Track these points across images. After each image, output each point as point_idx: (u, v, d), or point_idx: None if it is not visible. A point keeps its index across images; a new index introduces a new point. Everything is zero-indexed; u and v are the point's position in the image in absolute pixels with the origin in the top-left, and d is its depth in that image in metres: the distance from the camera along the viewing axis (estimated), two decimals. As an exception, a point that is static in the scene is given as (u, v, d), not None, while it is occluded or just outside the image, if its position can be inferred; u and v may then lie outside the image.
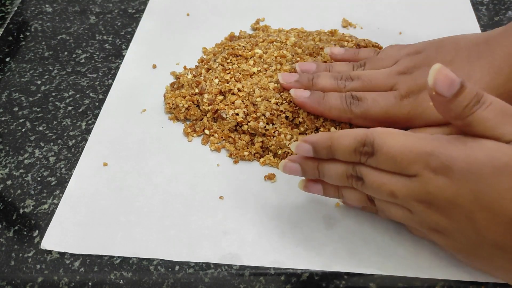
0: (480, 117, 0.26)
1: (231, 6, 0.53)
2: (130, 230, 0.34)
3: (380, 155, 0.28)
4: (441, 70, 0.25)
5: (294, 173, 0.32)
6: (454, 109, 0.26)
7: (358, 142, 0.28)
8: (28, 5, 0.55)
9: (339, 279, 0.31)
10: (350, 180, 0.30)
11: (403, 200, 0.28)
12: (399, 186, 0.27)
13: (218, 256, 0.32)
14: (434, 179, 0.26)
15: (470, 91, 0.25)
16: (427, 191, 0.26)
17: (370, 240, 0.32)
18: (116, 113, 0.42)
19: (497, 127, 0.25)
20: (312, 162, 0.31)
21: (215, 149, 0.38)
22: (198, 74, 0.43)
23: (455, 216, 0.26)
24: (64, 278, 0.32)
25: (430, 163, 0.26)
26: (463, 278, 0.30)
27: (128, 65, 0.46)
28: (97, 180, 0.37)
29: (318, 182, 0.33)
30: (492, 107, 0.26)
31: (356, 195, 0.31)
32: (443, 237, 0.28)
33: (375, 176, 0.28)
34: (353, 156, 0.29)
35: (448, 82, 0.25)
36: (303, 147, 0.31)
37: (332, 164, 0.30)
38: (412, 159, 0.27)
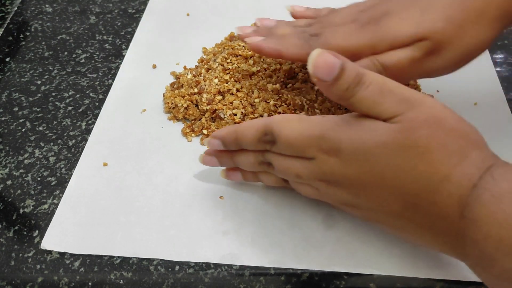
0: (360, 98, 0.27)
1: (231, 6, 0.53)
2: (130, 230, 0.34)
3: (280, 143, 0.30)
4: (321, 55, 0.26)
5: (212, 164, 0.35)
6: (336, 92, 0.27)
7: (260, 132, 0.30)
8: (28, 5, 0.55)
9: (339, 279, 0.31)
10: (262, 166, 0.32)
11: (308, 180, 0.30)
12: (301, 168, 0.30)
13: (218, 256, 0.32)
14: (327, 160, 0.28)
15: (350, 74, 0.26)
16: (323, 171, 0.28)
17: (369, 240, 0.32)
18: (116, 113, 0.42)
19: (376, 106, 0.26)
20: (226, 154, 0.34)
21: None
22: (198, 74, 0.43)
23: (353, 191, 0.28)
24: (64, 278, 0.32)
25: (322, 146, 0.28)
26: (462, 278, 0.30)
27: (128, 65, 0.46)
28: (97, 180, 0.37)
29: (237, 170, 0.35)
30: (371, 87, 0.26)
31: (271, 178, 0.33)
32: (351, 208, 0.30)
33: (281, 161, 0.31)
34: (258, 145, 0.31)
35: (327, 68, 0.26)
36: (213, 142, 0.33)
37: (244, 154, 0.33)
38: (306, 144, 0.28)
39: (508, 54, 0.47)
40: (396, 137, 0.25)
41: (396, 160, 0.25)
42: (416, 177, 0.25)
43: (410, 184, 0.25)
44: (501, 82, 0.43)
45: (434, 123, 0.25)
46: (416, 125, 0.25)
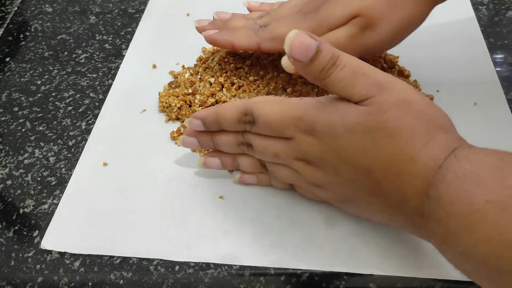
0: (334, 79, 0.28)
1: (231, 6, 0.53)
2: (130, 230, 0.34)
3: (259, 123, 0.31)
4: (297, 36, 0.27)
5: (192, 146, 0.35)
6: (311, 73, 0.28)
7: (240, 113, 0.31)
8: (28, 5, 0.55)
9: (339, 280, 0.31)
10: (241, 146, 0.33)
11: (286, 160, 0.31)
12: (280, 147, 0.31)
13: (218, 256, 0.32)
14: (305, 140, 0.29)
15: (325, 55, 0.27)
16: (301, 150, 0.30)
17: (370, 240, 0.32)
18: (116, 113, 0.42)
19: (348, 88, 0.27)
20: (206, 135, 0.34)
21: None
22: (195, 73, 0.43)
23: (327, 170, 0.29)
24: (64, 278, 0.32)
25: (300, 126, 0.29)
26: (463, 278, 0.30)
27: (128, 65, 0.46)
28: (97, 180, 0.37)
29: (215, 157, 0.35)
30: (345, 69, 0.27)
31: (249, 161, 0.34)
32: (324, 191, 0.31)
33: (260, 140, 0.32)
34: (238, 126, 0.32)
35: (303, 49, 0.27)
36: (194, 122, 0.33)
37: (223, 134, 0.34)
38: (285, 124, 0.30)
39: (508, 54, 0.47)
40: (366, 119, 0.27)
41: (366, 141, 0.27)
42: (384, 157, 0.26)
43: (379, 164, 0.26)
44: (501, 82, 0.43)
45: (403, 106, 0.26)
46: (385, 107, 0.26)
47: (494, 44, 0.48)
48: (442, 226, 0.24)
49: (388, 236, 0.33)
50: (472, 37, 0.48)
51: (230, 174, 0.37)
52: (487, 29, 0.49)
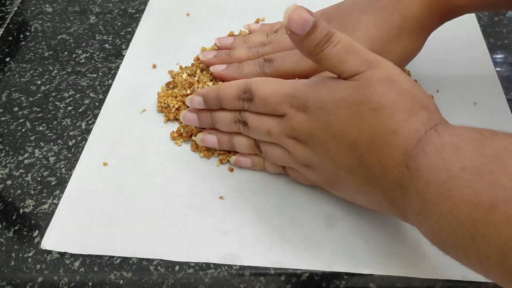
0: (328, 55, 0.29)
1: (231, 6, 0.53)
2: (130, 230, 0.34)
3: (256, 100, 0.33)
4: (296, 10, 0.28)
5: (192, 123, 0.37)
6: (306, 47, 0.29)
7: (240, 90, 0.34)
8: (28, 5, 0.55)
9: (339, 279, 0.31)
10: (237, 124, 0.35)
11: (278, 138, 0.33)
12: (273, 124, 0.32)
13: (218, 256, 0.32)
14: (296, 116, 0.31)
15: (321, 30, 0.28)
16: (292, 127, 0.31)
17: (370, 240, 0.32)
18: (116, 113, 0.42)
19: (340, 64, 0.29)
20: (206, 112, 0.37)
21: (204, 156, 0.38)
22: (192, 73, 0.43)
23: (315, 147, 0.31)
24: (64, 278, 0.32)
25: (293, 103, 0.31)
26: (463, 278, 0.30)
27: (128, 65, 0.46)
28: (97, 180, 0.37)
29: (213, 134, 0.37)
30: (338, 45, 0.29)
31: (244, 141, 0.36)
32: (313, 171, 0.32)
33: (255, 118, 0.33)
34: (237, 103, 0.34)
35: (301, 22, 0.28)
36: (195, 99, 0.36)
37: (222, 112, 0.36)
38: (279, 101, 0.31)
39: (508, 54, 0.47)
40: (352, 93, 0.28)
41: (352, 114, 0.28)
42: (368, 130, 0.27)
43: (363, 137, 0.28)
44: (501, 82, 0.43)
45: (389, 83, 0.28)
46: (371, 82, 0.28)
47: (494, 44, 0.48)
48: (419, 195, 0.25)
49: (389, 235, 0.33)
50: (472, 37, 0.48)
51: (231, 172, 0.37)
52: (487, 29, 0.49)
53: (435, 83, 0.43)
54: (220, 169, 0.37)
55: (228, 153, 0.38)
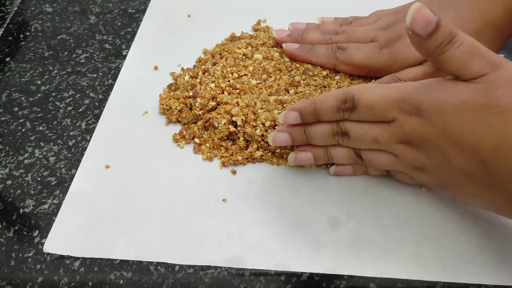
0: (449, 57, 0.27)
1: (232, 7, 0.53)
2: (132, 233, 0.33)
3: (360, 108, 0.31)
4: (420, 9, 0.27)
5: (284, 142, 0.35)
6: (427, 47, 0.28)
7: (340, 100, 0.32)
8: (28, 5, 0.55)
9: (340, 279, 0.31)
10: (336, 137, 0.33)
11: (386, 145, 0.31)
12: (380, 131, 0.31)
13: (221, 259, 0.32)
14: (409, 121, 0.29)
15: (444, 31, 0.27)
16: (404, 131, 0.30)
17: (373, 243, 0.32)
18: (118, 115, 0.42)
19: (463, 66, 0.27)
20: (299, 128, 0.34)
21: (207, 158, 0.38)
22: (195, 75, 0.43)
23: (430, 151, 0.29)
24: (64, 278, 0.32)
25: (403, 107, 0.29)
26: (466, 280, 0.30)
27: (129, 66, 0.46)
28: (99, 182, 0.37)
29: (307, 151, 0.35)
30: (462, 47, 0.27)
31: (344, 152, 0.34)
32: (425, 174, 0.31)
33: (358, 127, 0.32)
34: (336, 114, 0.32)
35: (424, 22, 0.27)
36: (291, 115, 0.33)
37: (318, 125, 0.34)
38: (388, 106, 0.30)
39: (508, 54, 0.47)
40: (476, 95, 0.27)
41: (475, 118, 0.27)
42: (493, 134, 0.26)
43: (487, 141, 0.26)
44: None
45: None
46: (497, 84, 0.26)
47: (494, 44, 0.48)
48: None
49: (392, 238, 0.33)
50: None
51: (234, 175, 0.37)
52: (487, 29, 0.49)
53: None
54: (223, 171, 0.37)
55: (230, 156, 0.38)
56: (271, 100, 0.39)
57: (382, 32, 0.40)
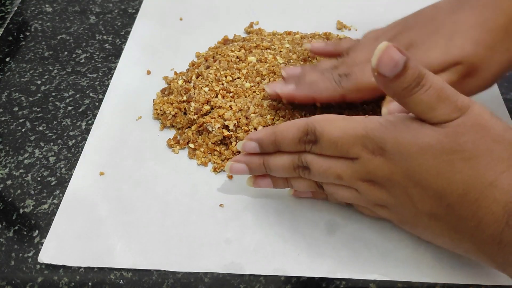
0: (416, 100, 0.26)
1: (225, 10, 0.52)
2: (129, 241, 0.33)
3: (323, 142, 0.29)
4: (387, 50, 0.25)
5: (241, 172, 0.33)
6: (394, 89, 0.26)
7: (302, 132, 0.30)
8: (28, 5, 0.55)
9: (339, 280, 0.31)
10: (297, 170, 0.31)
11: (349, 181, 0.30)
12: (344, 168, 0.29)
13: (220, 265, 0.32)
14: (372, 160, 0.28)
15: (412, 73, 0.26)
16: (368, 170, 0.28)
17: (372, 245, 0.32)
18: (111, 121, 0.41)
19: (430, 111, 0.26)
20: (257, 159, 0.33)
21: (202, 163, 0.38)
22: (188, 79, 0.43)
23: (394, 191, 0.28)
24: (64, 278, 0.32)
25: (367, 145, 0.28)
26: (465, 281, 0.30)
27: (122, 71, 0.46)
28: (94, 190, 0.36)
29: (267, 177, 0.34)
30: (430, 91, 0.26)
31: (305, 183, 0.33)
32: (387, 211, 0.30)
33: (321, 162, 0.30)
34: (298, 146, 0.30)
35: (391, 64, 0.25)
36: (249, 144, 0.32)
37: (278, 157, 0.32)
38: (351, 143, 0.28)
39: (508, 54, 0.47)
40: (443, 140, 0.26)
41: (441, 163, 0.26)
42: (460, 180, 0.25)
43: (454, 187, 0.25)
44: (501, 82, 0.43)
45: (481, 130, 0.25)
46: (463, 130, 0.25)
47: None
48: None
49: (390, 240, 0.33)
50: None
51: (230, 180, 0.37)
52: (487, 29, 0.49)
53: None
54: (219, 176, 0.37)
55: (222, 161, 0.37)
56: (264, 104, 0.39)
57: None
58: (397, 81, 0.26)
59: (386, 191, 0.29)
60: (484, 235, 0.25)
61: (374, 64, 0.26)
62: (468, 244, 0.27)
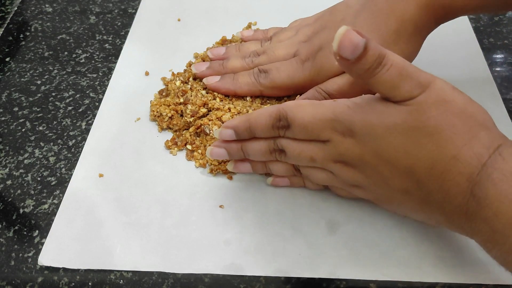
0: (379, 80, 0.27)
1: (223, 11, 0.52)
2: (128, 243, 0.33)
3: (294, 127, 0.31)
4: (346, 34, 0.26)
5: (221, 157, 0.35)
6: (357, 71, 0.27)
7: (274, 118, 0.31)
8: (28, 5, 0.55)
9: (339, 280, 0.31)
10: (273, 154, 0.33)
11: (322, 163, 0.31)
12: (316, 151, 0.31)
13: (220, 266, 0.32)
14: (343, 141, 0.29)
15: (372, 53, 0.26)
16: (339, 152, 0.30)
17: (373, 245, 0.32)
18: (110, 122, 0.41)
19: (392, 89, 0.27)
20: (235, 144, 0.34)
21: (200, 165, 0.37)
22: (185, 80, 0.42)
23: (366, 171, 0.29)
24: (64, 278, 0.32)
25: (337, 128, 0.29)
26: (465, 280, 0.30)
27: (120, 73, 0.46)
28: (93, 191, 0.36)
29: (246, 161, 0.35)
30: (391, 69, 0.27)
31: (282, 166, 0.34)
32: (362, 190, 0.31)
33: (294, 145, 0.31)
34: (271, 131, 0.32)
35: (351, 46, 0.26)
36: (226, 132, 0.33)
37: (255, 142, 0.33)
38: (321, 127, 0.30)
39: (508, 54, 0.47)
40: (406, 118, 0.27)
41: (407, 140, 0.27)
42: (426, 156, 0.26)
43: (420, 163, 0.27)
44: (501, 82, 0.43)
45: (443, 105, 0.26)
46: (425, 107, 0.26)
47: (494, 44, 0.48)
48: (488, 225, 0.24)
49: (392, 239, 0.33)
50: (465, 38, 0.48)
51: (230, 180, 0.37)
52: (487, 29, 0.49)
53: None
54: (219, 177, 0.37)
55: (219, 164, 0.37)
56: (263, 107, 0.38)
57: (303, 46, 0.39)
58: (359, 63, 0.26)
59: (358, 171, 0.30)
60: (452, 206, 0.26)
61: (335, 48, 0.26)
62: (438, 216, 0.28)
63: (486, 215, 0.24)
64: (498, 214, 0.24)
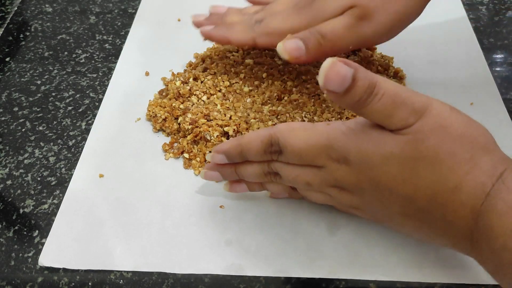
0: (372, 110, 0.26)
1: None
2: (129, 243, 0.33)
3: (287, 153, 0.29)
4: (332, 66, 0.25)
5: (215, 179, 0.34)
6: (347, 103, 0.26)
7: (265, 144, 0.30)
8: (28, 5, 0.55)
9: (339, 280, 0.31)
10: (268, 176, 0.32)
11: (319, 188, 0.30)
12: (311, 176, 0.30)
13: (221, 267, 0.32)
14: (338, 168, 0.28)
15: (362, 84, 0.25)
16: (335, 178, 0.29)
17: (373, 245, 0.32)
18: (110, 122, 0.41)
19: (386, 119, 0.26)
20: (229, 168, 0.33)
21: (200, 173, 0.36)
22: (185, 80, 0.42)
23: (364, 196, 0.29)
24: (64, 278, 0.32)
25: (331, 155, 0.28)
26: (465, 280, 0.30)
27: (121, 73, 0.46)
28: (94, 192, 0.36)
29: (242, 181, 0.34)
30: (383, 99, 0.25)
31: (279, 187, 0.33)
32: (361, 211, 0.31)
33: (289, 170, 0.30)
34: (264, 156, 0.31)
35: (339, 79, 0.25)
36: (217, 157, 0.32)
37: (248, 166, 0.32)
38: (315, 153, 0.29)
39: (508, 54, 0.47)
40: (404, 148, 0.26)
41: (406, 170, 0.26)
42: (425, 186, 0.25)
43: (421, 193, 0.26)
44: (501, 82, 0.43)
45: (441, 132, 0.25)
46: (423, 135, 0.25)
47: (494, 44, 0.48)
48: (496, 256, 0.23)
49: (392, 240, 0.32)
50: (465, 38, 0.48)
51: None
52: (487, 29, 0.49)
53: (430, 84, 0.43)
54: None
55: None
56: (264, 111, 0.38)
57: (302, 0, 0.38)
58: (348, 94, 0.25)
59: (356, 196, 0.29)
60: (456, 233, 0.25)
61: (321, 82, 0.25)
62: (443, 240, 0.27)
63: (493, 247, 0.23)
64: (505, 249, 0.23)
